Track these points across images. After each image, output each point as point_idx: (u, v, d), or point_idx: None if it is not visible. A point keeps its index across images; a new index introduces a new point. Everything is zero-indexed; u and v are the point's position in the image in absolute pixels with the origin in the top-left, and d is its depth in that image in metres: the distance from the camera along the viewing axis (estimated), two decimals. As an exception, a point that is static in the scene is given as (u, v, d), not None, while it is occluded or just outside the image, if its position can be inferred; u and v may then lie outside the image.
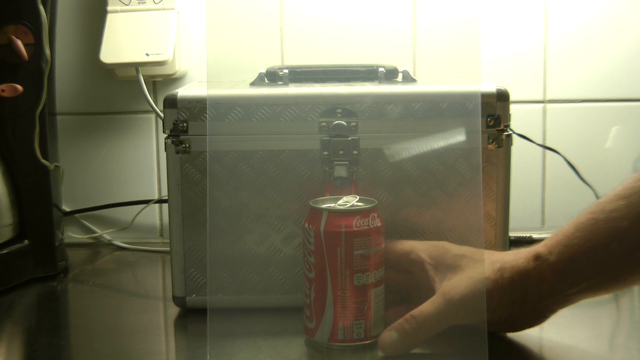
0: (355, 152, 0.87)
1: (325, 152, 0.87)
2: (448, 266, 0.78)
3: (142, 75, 1.14)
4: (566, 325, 0.86)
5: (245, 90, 0.89)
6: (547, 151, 1.19)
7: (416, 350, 0.77)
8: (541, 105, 1.21)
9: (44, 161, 1.02)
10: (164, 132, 0.88)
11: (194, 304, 0.89)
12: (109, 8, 1.14)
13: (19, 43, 0.99)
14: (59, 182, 1.07)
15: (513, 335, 0.84)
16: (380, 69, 0.95)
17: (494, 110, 0.87)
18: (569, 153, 1.11)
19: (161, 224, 1.24)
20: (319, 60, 1.15)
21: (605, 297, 0.95)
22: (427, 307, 0.76)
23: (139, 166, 1.23)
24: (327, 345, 0.79)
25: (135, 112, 1.22)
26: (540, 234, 1.15)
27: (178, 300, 0.90)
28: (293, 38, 1.20)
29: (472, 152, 0.87)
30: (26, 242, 1.02)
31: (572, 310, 0.91)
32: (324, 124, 0.87)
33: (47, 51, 1.00)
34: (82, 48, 1.21)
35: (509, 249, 0.91)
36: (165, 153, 0.88)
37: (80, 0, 1.20)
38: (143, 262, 1.14)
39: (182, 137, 0.87)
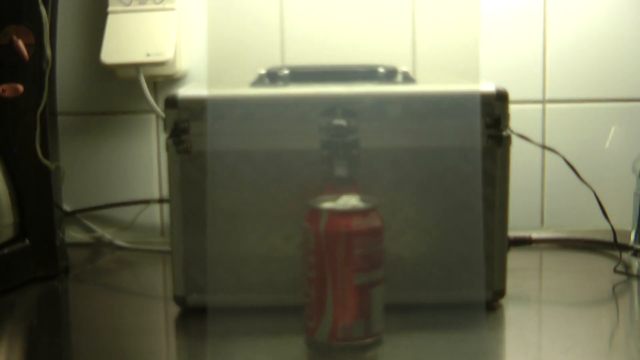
0: (355, 152, 0.87)
1: (325, 152, 0.87)
2: None
3: (143, 76, 1.14)
4: (566, 325, 0.86)
5: (245, 90, 0.89)
6: (546, 151, 1.19)
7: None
8: (540, 105, 1.22)
9: (45, 161, 1.02)
10: (165, 132, 0.89)
11: (195, 303, 0.89)
12: (110, 9, 1.14)
13: (20, 43, 0.99)
14: (60, 182, 1.07)
15: (513, 335, 0.84)
16: (380, 69, 0.95)
17: (493, 110, 0.87)
18: (568, 153, 1.11)
19: (162, 224, 1.24)
20: (319, 60, 1.15)
21: (604, 296, 0.96)
22: None
23: (139, 166, 1.23)
24: (327, 345, 0.79)
25: (136, 112, 1.22)
26: (540, 233, 1.15)
27: (179, 300, 0.90)
28: (293, 38, 1.20)
29: (471, 152, 0.87)
30: (27, 241, 1.03)
31: (572, 310, 0.91)
32: (324, 124, 0.87)
33: (48, 51, 1.00)
34: (83, 48, 1.21)
35: (509, 249, 0.91)
36: (166, 153, 0.88)
37: (81, 0, 1.20)
38: (144, 262, 1.14)
39: (183, 137, 0.87)
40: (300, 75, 0.96)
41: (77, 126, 1.23)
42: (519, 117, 1.01)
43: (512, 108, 0.89)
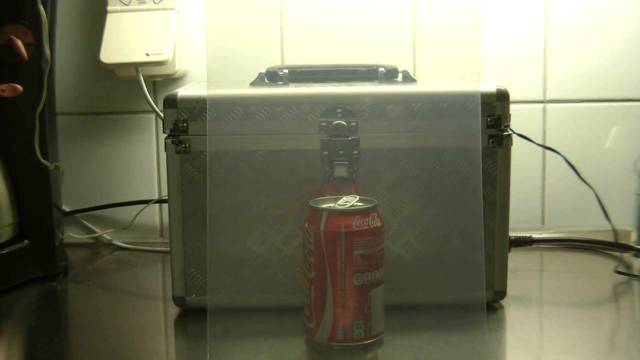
0: (355, 152, 0.87)
1: (325, 152, 0.87)
2: None
3: (142, 75, 1.13)
4: (566, 325, 0.86)
5: (245, 90, 0.89)
6: (547, 151, 1.19)
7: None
8: (541, 105, 1.21)
9: (44, 161, 1.02)
10: (164, 132, 0.88)
11: (194, 304, 0.89)
12: (109, 8, 1.14)
13: (19, 43, 0.99)
14: (59, 182, 1.07)
15: (514, 336, 0.84)
16: (380, 69, 0.95)
17: (493, 110, 0.87)
18: (568, 153, 1.11)
19: (161, 224, 1.24)
20: (319, 60, 1.15)
21: (605, 297, 0.96)
22: None
23: (139, 166, 1.23)
24: (327, 345, 0.79)
25: (135, 112, 1.22)
26: (540, 234, 1.15)
27: (178, 300, 0.90)
28: (293, 38, 1.20)
29: (472, 151, 0.87)
30: (26, 242, 1.02)
31: (572, 310, 0.91)
32: (324, 124, 0.87)
33: (47, 51, 1.00)
34: (82, 48, 1.21)
35: (509, 249, 0.91)
36: (165, 153, 0.88)
37: (80, 0, 1.20)
38: (143, 262, 1.14)
39: (182, 137, 0.87)
40: (300, 75, 0.96)
41: (76, 126, 1.22)
42: (519, 117, 1.01)
43: (513, 108, 0.89)
